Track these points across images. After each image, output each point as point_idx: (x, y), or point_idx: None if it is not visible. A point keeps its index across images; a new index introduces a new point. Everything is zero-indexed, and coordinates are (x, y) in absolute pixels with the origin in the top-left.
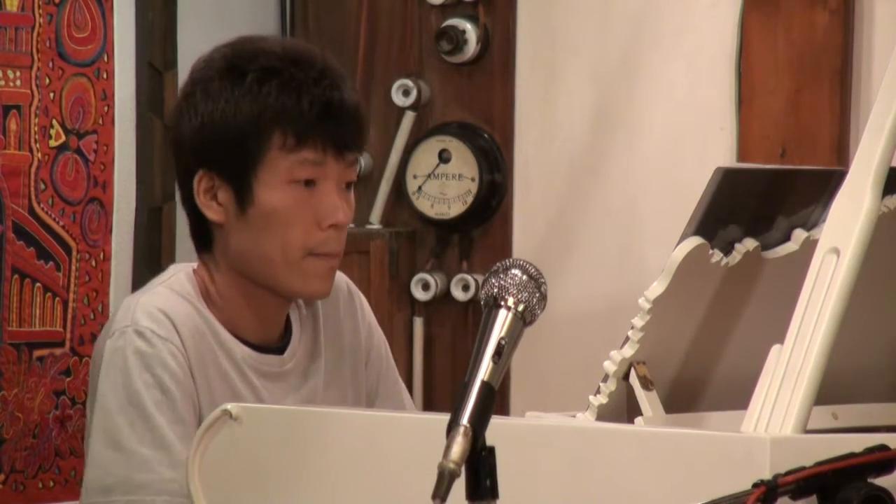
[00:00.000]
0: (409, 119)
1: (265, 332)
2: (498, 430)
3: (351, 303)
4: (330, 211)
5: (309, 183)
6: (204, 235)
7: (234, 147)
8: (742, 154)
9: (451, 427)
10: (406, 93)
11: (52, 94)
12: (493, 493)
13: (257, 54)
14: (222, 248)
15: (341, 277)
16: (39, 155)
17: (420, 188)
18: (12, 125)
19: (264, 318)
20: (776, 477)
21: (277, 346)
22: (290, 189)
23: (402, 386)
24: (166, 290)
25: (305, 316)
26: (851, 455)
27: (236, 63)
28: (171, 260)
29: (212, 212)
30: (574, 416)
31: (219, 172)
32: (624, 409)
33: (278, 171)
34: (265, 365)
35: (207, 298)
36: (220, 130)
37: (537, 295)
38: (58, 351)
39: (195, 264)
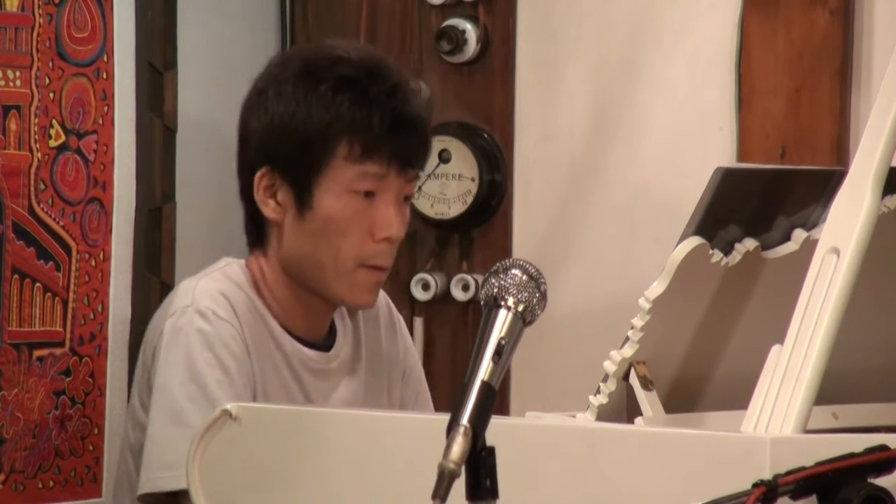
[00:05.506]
0: None
1: (312, 330)
2: (498, 430)
3: (391, 321)
4: (385, 224)
5: (368, 194)
6: (258, 231)
7: (301, 151)
8: (742, 154)
9: (451, 427)
10: None
11: (51, 94)
12: (493, 493)
13: (335, 62)
14: (275, 246)
15: (382, 295)
16: (39, 155)
17: (420, 188)
18: (12, 125)
19: (312, 317)
20: (776, 477)
21: (323, 343)
22: (349, 198)
23: (432, 408)
24: (223, 277)
25: (347, 320)
26: (851, 455)
27: (312, 69)
28: (172, 260)
29: (269, 209)
30: (574, 416)
31: (281, 173)
32: (624, 409)
33: (340, 179)
34: (312, 361)
35: (259, 290)
36: (289, 132)
37: (537, 295)
38: (58, 351)
39: (243, 260)
